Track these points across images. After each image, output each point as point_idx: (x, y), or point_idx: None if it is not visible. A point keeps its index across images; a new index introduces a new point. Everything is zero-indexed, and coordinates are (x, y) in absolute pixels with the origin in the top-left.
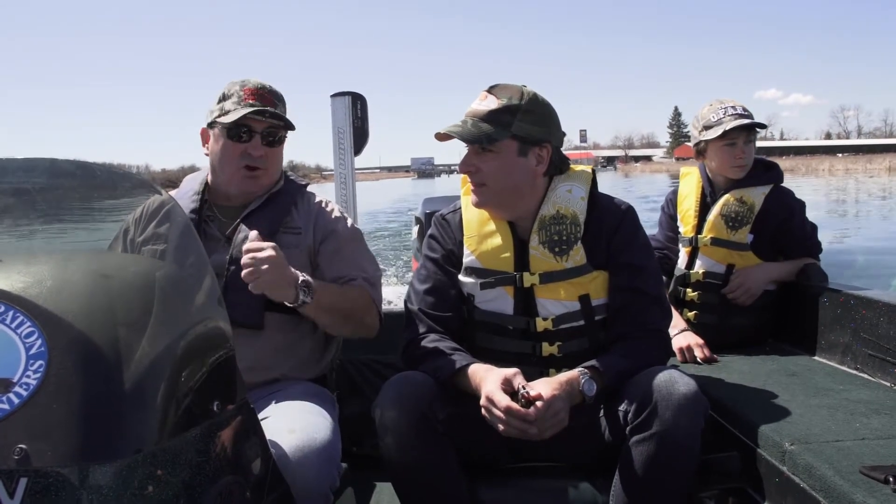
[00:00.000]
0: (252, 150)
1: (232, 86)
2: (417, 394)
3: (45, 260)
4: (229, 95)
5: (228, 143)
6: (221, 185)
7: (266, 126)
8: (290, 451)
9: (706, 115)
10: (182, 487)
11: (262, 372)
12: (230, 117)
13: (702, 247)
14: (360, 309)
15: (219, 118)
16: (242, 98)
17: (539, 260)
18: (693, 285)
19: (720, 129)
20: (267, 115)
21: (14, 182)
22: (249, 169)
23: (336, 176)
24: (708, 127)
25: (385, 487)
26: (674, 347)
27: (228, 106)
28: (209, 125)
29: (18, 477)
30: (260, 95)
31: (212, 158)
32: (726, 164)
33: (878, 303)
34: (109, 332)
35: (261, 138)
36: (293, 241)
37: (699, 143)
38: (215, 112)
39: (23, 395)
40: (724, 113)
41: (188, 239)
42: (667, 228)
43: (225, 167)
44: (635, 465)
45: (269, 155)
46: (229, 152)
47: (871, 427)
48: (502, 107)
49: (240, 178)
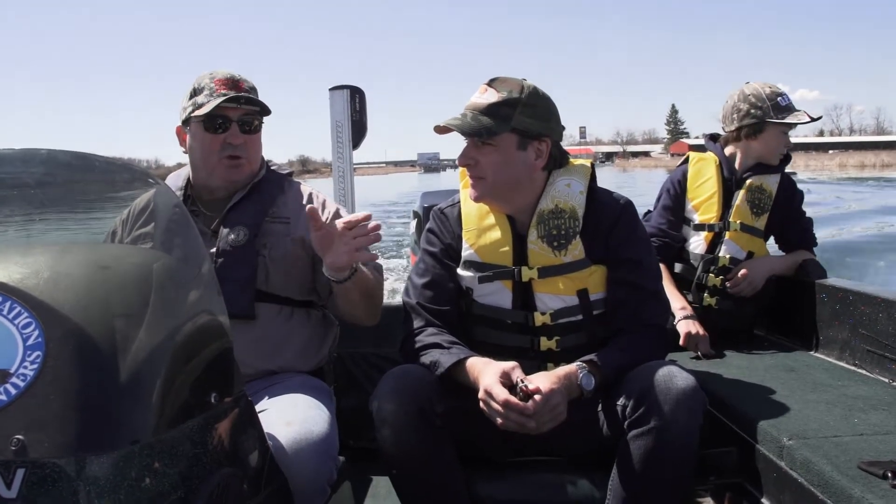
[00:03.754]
0: (231, 139)
1: (202, 79)
2: (415, 387)
3: (42, 251)
4: (200, 89)
5: (206, 136)
6: (205, 179)
7: (242, 113)
8: (287, 444)
9: (771, 97)
10: (179, 479)
11: (256, 363)
12: (205, 109)
13: (731, 232)
14: (379, 291)
15: (194, 112)
16: (214, 90)
17: (537, 254)
18: (719, 270)
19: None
20: (242, 101)
21: (11, 173)
22: (231, 158)
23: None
24: (778, 109)
25: (382, 480)
26: (679, 331)
27: (201, 99)
28: (184, 122)
29: (16, 468)
30: (231, 84)
31: (191, 155)
32: (777, 150)
33: (876, 299)
34: (107, 323)
35: (238, 126)
36: (281, 230)
37: (758, 123)
38: (189, 107)
39: (20, 385)
40: (788, 98)
41: (185, 231)
42: (670, 213)
43: (206, 160)
44: (633, 460)
45: (248, 143)
46: (208, 144)
47: (870, 423)
48: (502, 100)
49: (223, 169)
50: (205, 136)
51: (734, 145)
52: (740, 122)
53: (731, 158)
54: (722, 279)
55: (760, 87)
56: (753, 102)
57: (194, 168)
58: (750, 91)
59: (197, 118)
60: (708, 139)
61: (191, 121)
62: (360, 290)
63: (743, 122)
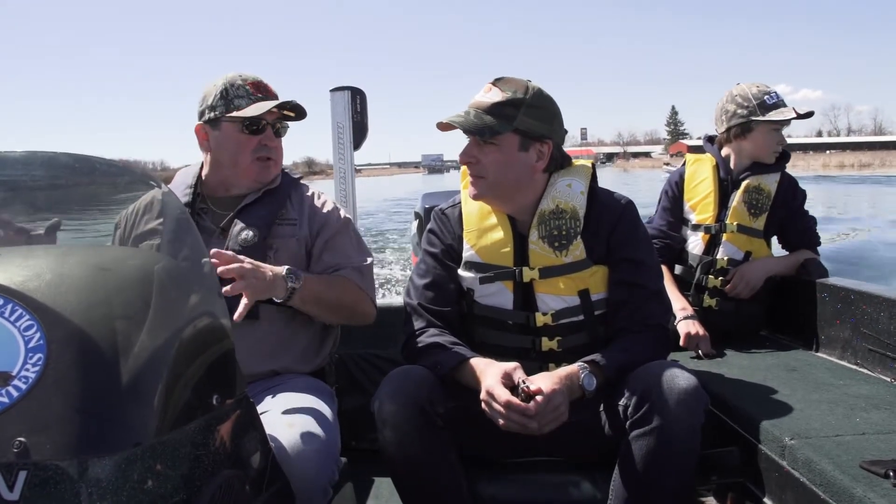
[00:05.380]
0: (267, 140)
1: (233, 80)
2: (417, 388)
3: (43, 253)
4: (235, 90)
5: (243, 137)
6: (230, 178)
7: (276, 117)
8: (289, 445)
9: (757, 95)
10: (181, 481)
11: (258, 364)
12: (249, 112)
13: (728, 234)
14: (348, 298)
15: (229, 113)
16: (251, 93)
17: (538, 255)
18: (718, 272)
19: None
20: (287, 106)
21: (13, 175)
22: (262, 160)
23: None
24: (764, 107)
25: (384, 482)
26: (680, 331)
27: (241, 102)
28: (210, 121)
29: (18, 470)
30: (263, 88)
31: (217, 154)
32: (769, 148)
33: (878, 298)
34: (108, 325)
35: (272, 130)
36: (289, 231)
37: (745, 123)
38: (219, 107)
39: (22, 388)
40: (777, 96)
41: (187, 232)
42: (670, 214)
43: (238, 160)
44: (635, 460)
45: (278, 146)
46: (245, 145)
47: (871, 422)
48: (506, 100)
49: (255, 170)
50: (240, 137)
51: (727, 146)
52: (728, 123)
53: (727, 159)
54: (721, 281)
55: (748, 87)
56: (740, 102)
57: (217, 166)
58: (737, 92)
59: (234, 119)
60: (706, 140)
61: (221, 121)
62: (315, 303)
63: (731, 123)
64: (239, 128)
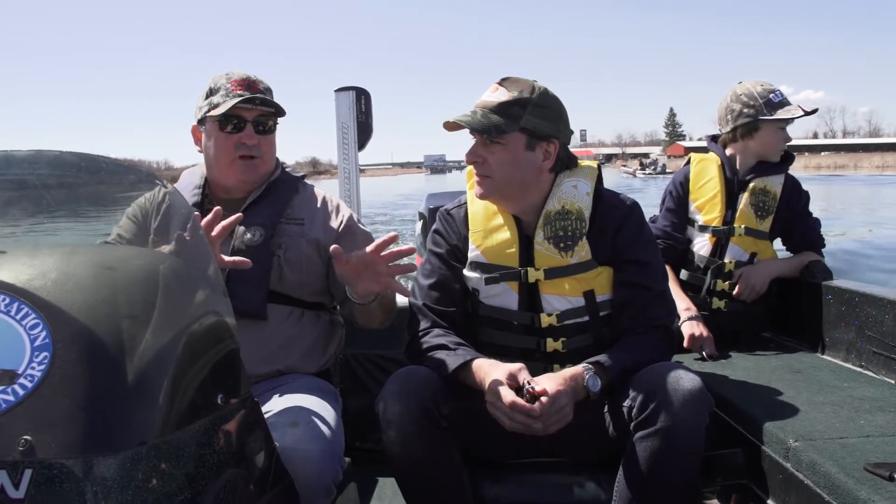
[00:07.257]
0: (246, 139)
1: (218, 79)
2: (421, 388)
3: (49, 252)
4: (217, 89)
5: (221, 135)
6: (219, 178)
7: (256, 114)
8: (293, 445)
9: (763, 94)
10: (186, 480)
11: (264, 364)
12: (220, 109)
13: (735, 237)
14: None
15: (209, 112)
16: (230, 90)
17: (544, 255)
18: (726, 275)
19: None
20: (257, 102)
21: (19, 174)
22: (245, 158)
23: (340, 171)
24: (771, 105)
25: (388, 482)
26: (684, 333)
27: (217, 99)
28: (199, 122)
29: (23, 468)
30: (247, 85)
31: (206, 154)
32: (775, 146)
33: (882, 300)
34: (113, 324)
35: (252, 127)
36: (296, 230)
37: (752, 122)
38: (204, 107)
39: (27, 386)
40: (781, 95)
41: (192, 231)
42: (674, 215)
43: (220, 159)
44: (639, 461)
45: (262, 143)
46: (223, 144)
47: (876, 424)
48: (513, 99)
49: (237, 169)
50: (219, 136)
51: (732, 146)
52: (735, 123)
53: (732, 159)
54: (729, 283)
55: (752, 86)
56: (746, 102)
57: (209, 167)
58: (742, 91)
59: (212, 118)
60: (710, 140)
61: (206, 120)
62: (384, 308)
63: (737, 123)
64: (218, 126)
